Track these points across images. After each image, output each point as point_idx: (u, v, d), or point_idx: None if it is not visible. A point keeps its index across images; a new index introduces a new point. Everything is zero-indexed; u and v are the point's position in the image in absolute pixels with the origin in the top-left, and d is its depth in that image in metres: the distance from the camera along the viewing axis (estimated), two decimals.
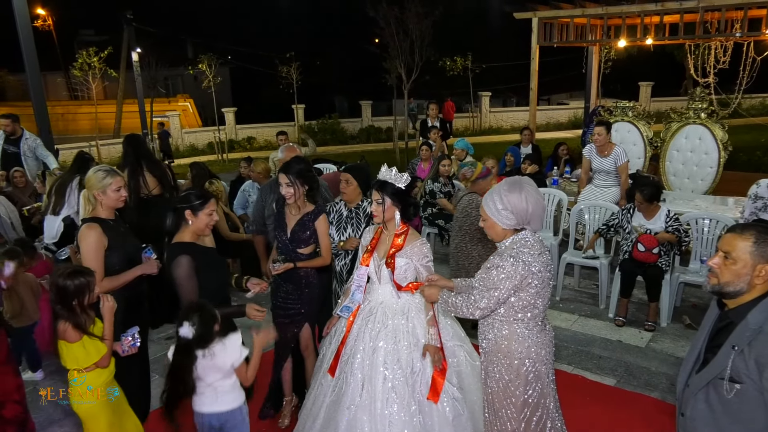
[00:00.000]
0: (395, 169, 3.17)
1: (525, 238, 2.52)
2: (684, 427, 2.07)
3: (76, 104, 25.23)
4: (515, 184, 2.53)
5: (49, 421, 3.93)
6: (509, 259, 2.45)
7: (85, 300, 2.69)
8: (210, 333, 2.59)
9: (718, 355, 1.91)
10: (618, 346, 4.72)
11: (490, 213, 2.54)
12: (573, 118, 22.51)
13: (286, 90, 20.66)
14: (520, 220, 2.50)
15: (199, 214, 2.99)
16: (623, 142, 7.41)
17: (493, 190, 2.57)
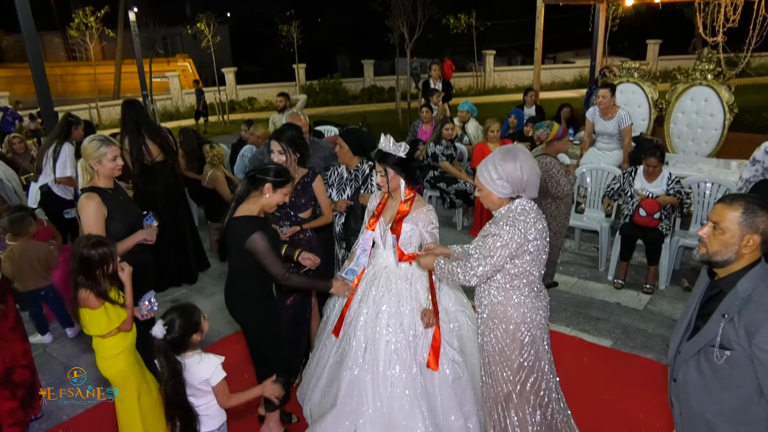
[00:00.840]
0: (392, 138, 3.17)
1: (521, 206, 2.54)
2: (676, 392, 2.13)
3: (75, 65, 24.95)
4: (509, 152, 2.54)
5: (59, 382, 4.04)
6: (505, 227, 2.48)
7: (109, 269, 2.73)
8: (183, 341, 2.50)
9: (709, 323, 1.96)
10: (616, 309, 4.79)
11: (485, 182, 2.56)
12: (579, 77, 22.17)
13: (286, 49, 20.34)
14: (515, 189, 2.52)
15: (278, 191, 2.98)
16: (628, 103, 7.34)
17: (487, 160, 2.58)
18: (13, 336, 3.26)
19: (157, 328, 2.44)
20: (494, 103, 17.55)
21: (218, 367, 2.54)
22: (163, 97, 19.79)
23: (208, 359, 2.54)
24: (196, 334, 2.54)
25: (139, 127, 5.08)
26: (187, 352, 2.52)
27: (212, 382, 2.52)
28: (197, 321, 2.55)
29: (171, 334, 2.45)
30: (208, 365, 2.52)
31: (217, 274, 5.77)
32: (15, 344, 3.27)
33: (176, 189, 5.48)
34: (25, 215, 4.53)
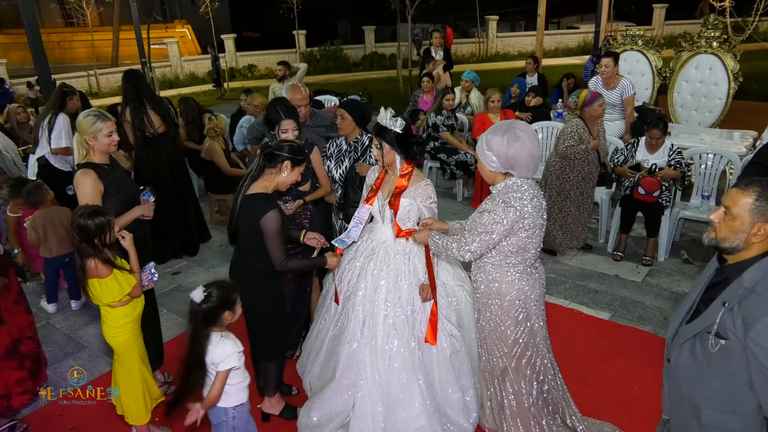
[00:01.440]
0: (391, 111, 3.13)
1: (517, 183, 2.53)
2: (668, 372, 2.15)
3: (72, 31, 24.56)
4: (502, 126, 2.53)
5: (63, 353, 4.11)
6: (501, 204, 2.48)
7: (106, 238, 2.74)
8: (215, 314, 2.49)
9: (708, 309, 1.93)
10: (615, 281, 4.81)
11: (479, 153, 2.59)
12: (583, 42, 21.83)
13: (286, 15, 19.99)
14: (502, 164, 2.51)
15: (295, 169, 2.94)
16: (632, 72, 7.24)
17: (485, 132, 2.60)
18: (18, 308, 3.30)
19: (197, 292, 2.46)
20: (497, 71, 17.33)
21: (231, 356, 2.50)
22: (162, 64, 19.55)
23: (226, 345, 2.51)
24: (229, 312, 2.52)
25: (141, 98, 5.03)
26: (215, 328, 2.51)
27: (218, 368, 2.50)
28: (234, 299, 2.54)
29: (208, 302, 2.46)
30: (223, 350, 2.49)
31: (218, 246, 5.79)
32: (20, 316, 3.31)
33: (178, 160, 5.47)
34: (41, 184, 4.60)
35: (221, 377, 2.50)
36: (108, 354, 4.00)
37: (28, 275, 5.16)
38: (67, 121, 5.23)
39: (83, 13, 18.23)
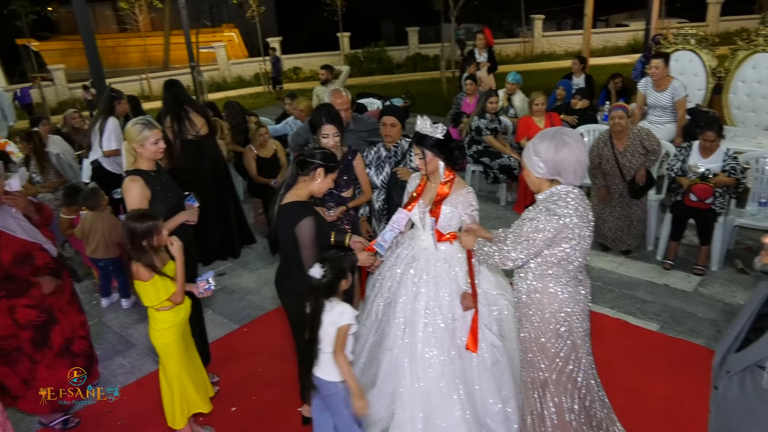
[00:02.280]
0: (428, 119, 3.12)
1: (562, 191, 2.46)
2: (716, 401, 2.03)
3: (125, 36, 25.38)
4: (549, 132, 2.49)
5: (114, 351, 4.25)
6: (544, 212, 2.43)
7: (153, 241, 2.83)
8: (333, 285, 2.63)
9: (759, 342, 1.81)
10: (664, 291, 4.65)
11: (525, 159, 2.55)
12: (633, 41, 21.20)
13: (330, 18, 20.18)
14: (549, 170, 2.45)
15: (329, 176, 2.97)
16: (683, 72, 7.00)
17: (532, 138, 2.56)
18: (71, 308, 3.43)
19: (316, 269, 2.59)
20: (542, 71, 17.03)
21: (348, 313, 2.64)
22: (210, 67, 20.01)
23: (342, 304, 2.67)
24: (344, 281, 2.68)
25: (181, 103, 5.17)
26: (333, 297, 2.66)
27: (339, 323, 2.62)
28: (345, 270, 2.69)
29: (326, 276, 2.59)
30: (340, 309, 2.64)
31: (262, 248, 5.88)
32: (73, 316, 3.44)
33: (221, 162, 5.59)
34: (96, 188, 4.78)
35: (343, 333, 2.63)
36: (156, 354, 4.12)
37: (82, 274, 5.37)
38: (116, 124, 5.42)
39: (136, 19, 18.86)
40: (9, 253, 2.95)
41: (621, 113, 4.89)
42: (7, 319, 3.03)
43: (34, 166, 5.63)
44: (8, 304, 3.01)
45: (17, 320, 3.05)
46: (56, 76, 17.43)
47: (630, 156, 4.93)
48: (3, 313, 3.01)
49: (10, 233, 2.96)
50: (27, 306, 3.07)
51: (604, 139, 5.01)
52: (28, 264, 3.06)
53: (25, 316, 3.08)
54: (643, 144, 4.91)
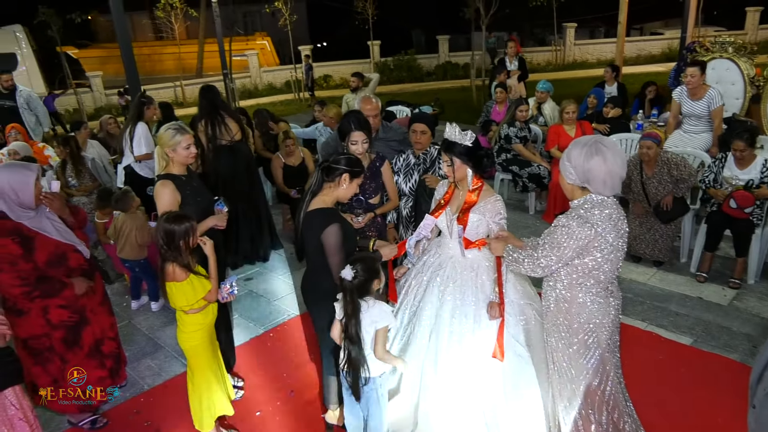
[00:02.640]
0: (457, 126, 3.10)
1: (595, 200, 2.43)
2: (754, 420, 1.95)
3: (161, 44, 25.97)
4: (585, 140, 2.46)
5: (142, 353, 4.31)
6: (576, 219, 2.41)
7: (190, 241, 2.88)
8: (366, 285, 2.65)
9: None
10: (698, 304, 4.53)
11: (560, 164, 2.55)
12: (667, 49, 20.79)
13: (361, 26, 20.31)
14: (579, 177, 2.44)
15: (354, 182, 2.98)
16: (720, 81, 6.84)
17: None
18: (102, 310, 3.49)
19: (347, 271, 2.61)
20: (574, 79, 16.83)
21: (387, 313, 2.68)
22: (242, 75, 20.32)
23: (381, 305, 2.69)
24: (377, 280, 2.69)
25: (217, 108, 5.25)
26: (367, 297, 2.68)
27: (378, 325, 2.65)
28: (377, 269, 2.70)
29: (357, 278, 2.61)
30: (380, 309, 2.66)
31: (289, 254, 5.92)
32: (103, 317, 3.50)
33: (253, 168, 5.66)
34: (128, 191, 4.89)
35: (382, 334, 2.68)
36: (183, 356, 4.17)
37: (113, 276, 5.47)
38: (145, 129, 5.53)
39: (172, 27, 19.27)
40: (44, 253, 3.02)
41: (650, 144, 4.80)
42: (40, 318, 3.09)
43: (70, 169, 5.78)
44: (42, 304, 3.07)
45: (50, 320, 3.12)
46: (94, 83, 17.90)
47: (657, 183, 4.87)
48: (37, 312, 3.08)
49: (46, 234, 3.03)
50: (60, 306, 3.13)
51: (635, 162, 4.97)
52: (62, 265, 3.13)
53: (58, 316, 3.14)
54: (671, 173, 4.78)
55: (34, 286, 2.99)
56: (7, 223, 2.93)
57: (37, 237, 3.00)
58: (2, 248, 2.89)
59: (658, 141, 4.85)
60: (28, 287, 2.97)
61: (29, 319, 3.08)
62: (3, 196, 2.91)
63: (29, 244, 2.97)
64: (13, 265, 2.92)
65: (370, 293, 2.68)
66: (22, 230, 2.95)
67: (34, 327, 3.11)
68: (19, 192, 2.91)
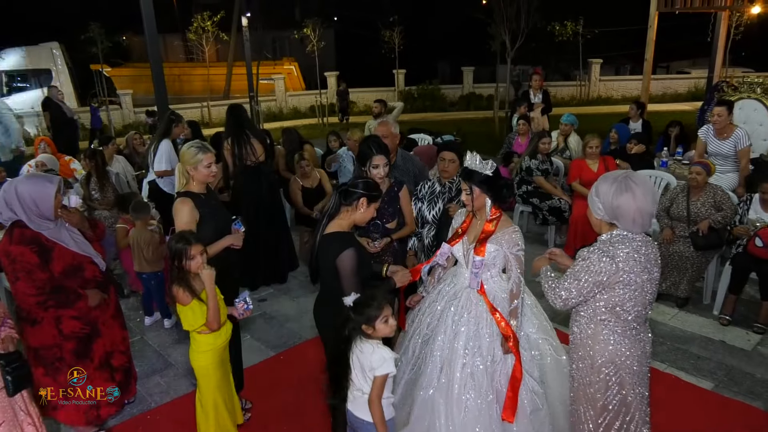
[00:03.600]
0: (478, 155, 3.08)
1: (626, 235, 2.38)
2: None
3: (191, 66, 26.58)
4: (615, 175, 2.44)
5: (152, 370, 4.29)
6: (597, 253, 2.38)
7: (185, 264, 2.85)
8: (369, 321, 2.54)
9: None
10: (720, 347, 4.39)
11: (589, 199, 2.52)
12: (694, 89, 20.69)
13: (388, 55, 20.58)
14: (607, 213, 2.41)
15: (371, 206, 2.97)
16: (747, 122, 6.76)
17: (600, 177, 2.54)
18: (114, 323, 3.50)
19: (350, 298, 2.54)
20: (598, 114, 16.79)
21: (388, 360, 2.53)
22: (268, 98, 20.63)
23: (382, 350, 2.56)
24: (378, 318, 2.55)
25: (244, 129, 5.31)
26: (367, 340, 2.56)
27: (377, 372, 2.53)
28: (382, 306, 2.57)
29: (362, 313, 2.52)
30: (380, 356, 2.53)
31: (304, 276, 5.90)
32: (115, 330, 3.51)
33: (275, 189, 5.69)
34: (144, 202, 4.96)
35: (380, 382, 2.54)
36: (192, 375, 4.14)
37: (128, 291, 5.49)
38: (169, 146, 5.61)
39: (203, 49, 19.73)
40: (61, 264, 3.05)
41: (699, 170, 4.85)
42: (53, 329, 3.11)
43: (93, 183, 5.87)
44: (55, 314, 3.09)
45: (62, 330, 3.13)
46: (124, 101, 18.30)
47: (701, 205, 4.87)
48: (49, 322, 3.09)
49: (64, 245, 3.06)
50: (72, 317, 3.15)
51: (683, 186, 5.03)
52: (78, 276, 3.15)
53: (70, 327, 3.15)
54: (716, 199, 4.83)
55: (49, 296, 3.01)
56: (26, 232, 2.97)
57: (55, 248, 3.04)
58: (20, 257, 2.93)
59: (708, 169, 4.91)
60: (42, 296, 2.99)
61: (42, 328, 3.10)
62: (24, 207, 2.95)
63: (47, 255, 3.00)
64: (30, 274, 2.95)
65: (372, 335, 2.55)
66: (41, 240, 2.99)
67: (46, 337, 3.12)
68: (39, 203, 2.96)
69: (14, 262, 2.94)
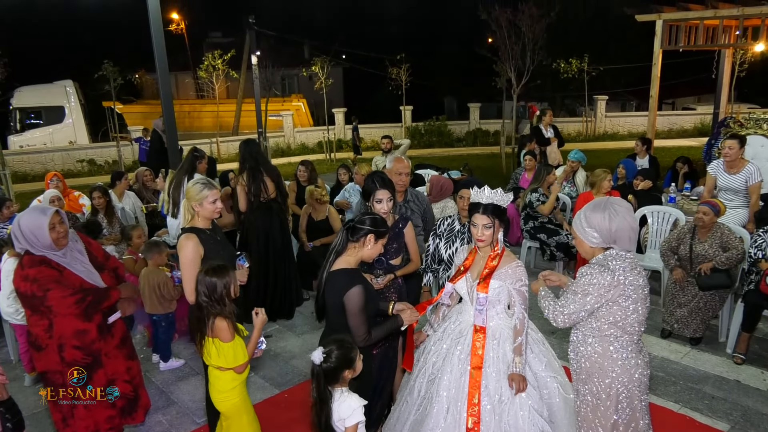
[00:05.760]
0: (486, 188, 3.08)
1: (618, 253, 2.53)
2: None
3: (201, 103, 27.06)
4: (599, 204, 2.60)
5: (154, 408, 4.19)
6: (597, 267, 2.52)
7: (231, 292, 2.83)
8: (336, 373, 2.51)
9: None
10: (735, 387, 4.28)
11: (578, 230, 2.64)
12: (700, 125, 20.83)
13: (395, 91, 20.88)
14: (604, 239, 2.55)
15: (379, 242, 2.95)
16: (755, 158, 6.74)
17: (582, 209, 2.65)
18: (117, 353, 3.49)
19: (317, 354, 2.49)
20: (604, 150, 16.85)
21: (357, 410, 2.52)
22: (276, 134, 20.90)
23: (351, 399, 2.54)
24: (349, 370, 2.55)
25: (258, 165, 5.34)
26: (336, 385, 2.55)
27: (346, 423, 2.51)
28: (353, 357, 2.56)
29: (327, 363, 2.49)
30: (348, 405, 2.52)
31: (309, 312, 5.84)
32: (118, 361, 3.50)
33: (286, 227, 5.69)
34: (159, 242, 4.95)
35: (351, 431, 2.53)
36: (195, 414, 4.07)
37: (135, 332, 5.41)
38: None
39: (213, 87, 20.11)
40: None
41: (707, 210, 4.79)
42: (56, 355, 3.16)
43: (100, 218, 5.91)
44: (59, 342, 3.14)
45: (64, 358, 3.17)
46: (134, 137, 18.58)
47: (708, 247, 4.79)
48: (53, 349, 3.15)
49: (72, 270, 3.15)
50: (75, 347, 3.19)
51: (690, 226, 4.98)
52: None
53: (72, 355, 3.20)
54: (722, 239, 4.76)
55: (86, 292, 3.12)
56: (35, 257, 3.08)
57: (64, 272, 3.11)
58: (39, 273, 3.03)
59: (717, 210, 4.83)
60: (80, 293, 3.10)
61: (47, 354, 3.17)
62: (26, 238, 3.06)
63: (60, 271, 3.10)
64: (59, 282, 3.05)
65: (340, 381, 2.54)
66: (51, 263, 3.09)
67: (51, 363, 3.19)
68: (36, 235, 3.05)
69: (37, 281, 3.02)
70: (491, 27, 13.32)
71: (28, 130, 18.97)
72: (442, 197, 5.86)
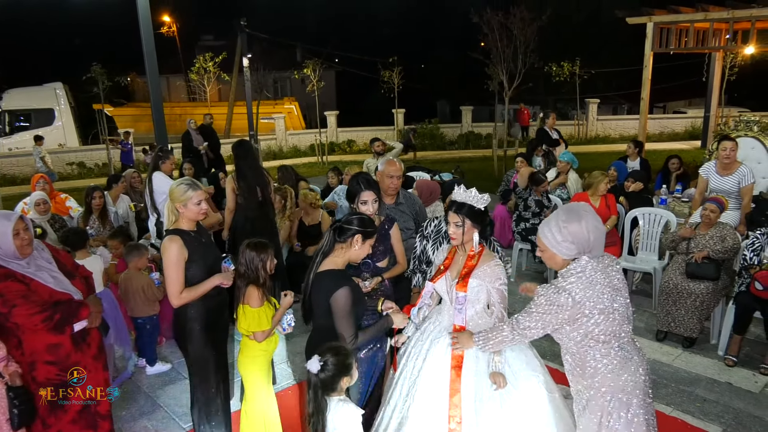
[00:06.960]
0: (462, 187, 3.05)
1: (579, 267, 2.39)
2: None
3: (193, 105, 26.90)
4: (572, 212, 2.44)
5: (140, 412, 4.15)
6: (551, 289, 2.42)
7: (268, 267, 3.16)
8: (333, 382, 2.46)
9: None
10: (727, 389, 4.25)
11: (549, 244, 2.46)
12: (690, 128, 20.93)
13: (387, 94, 20.86)
14: (581, 249, 2.41)
15: (366, 242, 2.91)
16: (746, 159, 6.73)
17: (549, 220, 2.50)
18: (95, 366, 3.35)
19: (313, 363, 2.44)
20: (596, 153, 16.89)
21: (353, 421, 2.46)
22: (268, 137, 20.82)
23: (347, 409, 2.48)
24: (346, 378, 2.50)
25: (250, 166, 5.30)
26: (333, 394, 2.49)
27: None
28: (350, 364, 2.50)
29: (324, 372, 2.44)
30: (343, 415, 2.46)
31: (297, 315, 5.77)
32: (98, 374, 3.36)
33: (274, 229, 5.63)
34: (140, 245, 4.88)
35: None
36: (181, 419, 4.01)
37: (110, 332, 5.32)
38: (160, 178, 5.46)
39: (205, 90, 20.04)
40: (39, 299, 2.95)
41: (714, 207, 4.89)
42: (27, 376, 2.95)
43: (92, 221, 5.86)
44: (30, 359, 2.94)
45: (35, 378, 2.97)
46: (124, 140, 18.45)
47: (708, 238, 4.87)
48: (25, 369, 2.94)
49: (40, 281, 2.93)
50: (47, 362, 2.98)
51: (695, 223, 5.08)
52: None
53: (44, 373, 2.98)
54: (723, 234, 4.81)
55: (54, 309, 2.89)
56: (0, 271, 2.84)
57: (31, 284, 2.89)
58: (6, 289, 2.80)
59: (722, 207, 4.93)
60: (48, 311, 2.86)
61: None
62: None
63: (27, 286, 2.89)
64: (26, 297, 2.82)
65: (337, 390, 2.48)
66: (16, 276, 2.86)
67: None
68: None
69: (2, 296, 2.79)
70: (483, 30, 13.32)
71: (17, 132, 18.79)
72: (431, 201, 5.82)
